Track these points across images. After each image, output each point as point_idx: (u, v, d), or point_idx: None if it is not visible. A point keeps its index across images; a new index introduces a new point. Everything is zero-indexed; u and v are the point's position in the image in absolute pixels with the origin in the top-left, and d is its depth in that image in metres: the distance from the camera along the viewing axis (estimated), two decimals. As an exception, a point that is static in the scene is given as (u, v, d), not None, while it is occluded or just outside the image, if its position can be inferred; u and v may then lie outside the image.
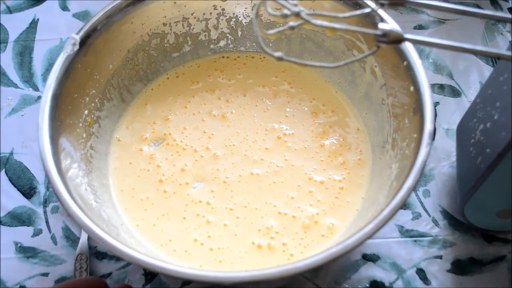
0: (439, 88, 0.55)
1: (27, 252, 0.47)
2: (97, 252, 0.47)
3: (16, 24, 0.60)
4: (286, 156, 0.48)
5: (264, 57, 0.54)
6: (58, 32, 0.59)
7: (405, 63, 0.43)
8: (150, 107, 0.51)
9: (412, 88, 0.42)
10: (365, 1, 0.45)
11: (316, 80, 0.53)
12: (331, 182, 0.47)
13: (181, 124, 0.50)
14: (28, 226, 0.48)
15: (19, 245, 0.47)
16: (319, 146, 0.49)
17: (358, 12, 0.36)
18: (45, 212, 0.49)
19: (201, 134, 0.49)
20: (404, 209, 0.48)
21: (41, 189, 0.50)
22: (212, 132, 0.50)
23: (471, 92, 0.55)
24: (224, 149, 0.48)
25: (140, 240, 0.44)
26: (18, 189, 0.50)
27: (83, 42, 0.45)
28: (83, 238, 0.47)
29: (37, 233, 0.48)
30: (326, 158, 0.48)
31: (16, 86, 0.56)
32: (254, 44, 0.54)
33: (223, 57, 0.54)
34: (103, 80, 0.48)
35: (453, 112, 0.53)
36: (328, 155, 0.48)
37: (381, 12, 0.44)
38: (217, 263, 0.43)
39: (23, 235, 0.48)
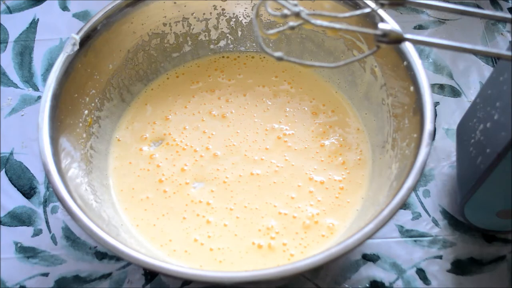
0: (439, 88, 0.55)
1: (27, 252, 0.47)
2: (97, 252, 0.47)
3: (16, 24, 0.60)
4: (286, 156, 0.48)
5: (264, 57, 0.54)
6: (58, 32, 0.59)
7: (405, 63, 0.43)
8: (150, 107, 0.51)
9: (412, 88, 0.42)
10: (365, 1, 0.45)
11: (316, 80, 0.53)
12: (331, 182, 0.46)
13: (181, 124, 0.50)
14: (28, 226, 0.48)
15: (19, 245, 0.47)
16: (319, 146, 0.49)
17: (358, 12, 0.36)
18: (45, 212, 0.49)
19: (201, 134, 0.49)
20: (404, 209, 0.48)
21: (41, 189, 0.50)
22: (212, 132, 0.50)
23: (471, 92, 0.55)
24: (224, 149, 0.48)
25: (140, 240, 0.44)
26: (18, 189, 0.50)
27: (83, 42, 0.45)
28: None
29: (37, 233, 0.48)
30: (326, 158, 0.48)
31: (16, 86, 0.56)
32: (254, 44, 0.54)
33: (223, 57, 0.54)
34: (103, 80, 0.48)
35: (453, 112, 0.53)
36: (328, 155, 0.48)
37: (381, 12, 0.44)
38: (217, 263, 0.43)
39: (23, 235, 0.48)
